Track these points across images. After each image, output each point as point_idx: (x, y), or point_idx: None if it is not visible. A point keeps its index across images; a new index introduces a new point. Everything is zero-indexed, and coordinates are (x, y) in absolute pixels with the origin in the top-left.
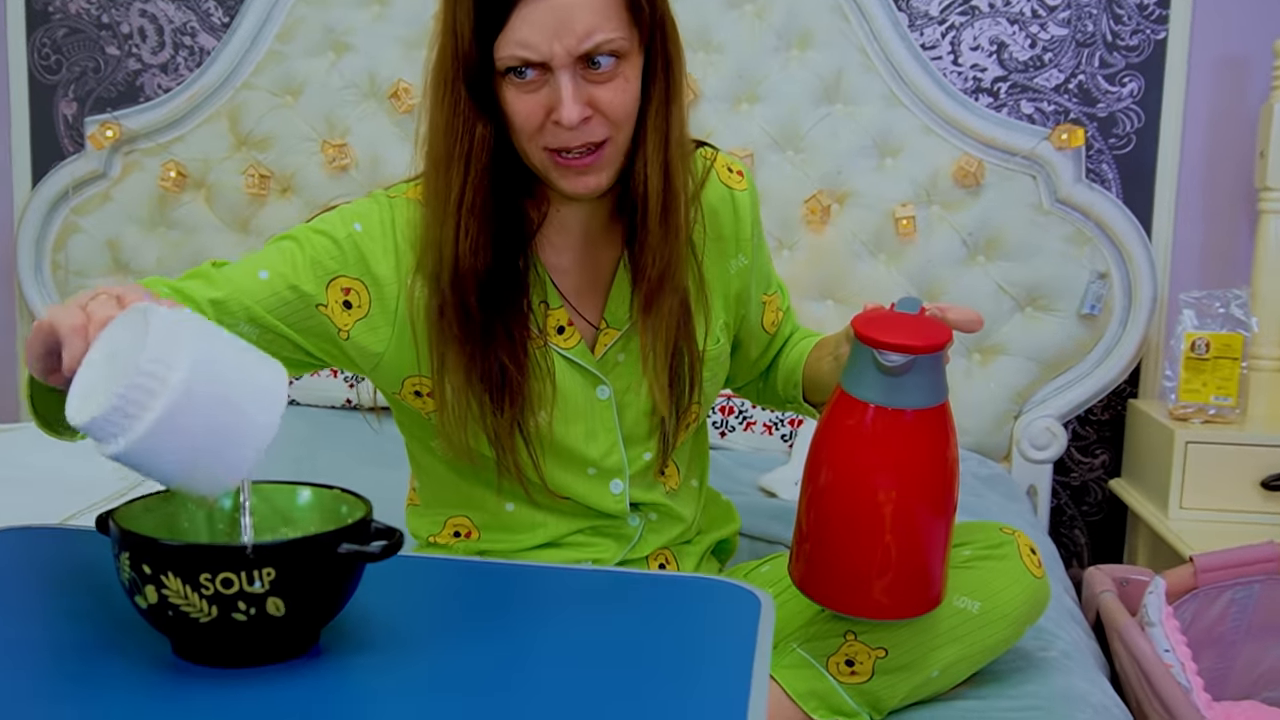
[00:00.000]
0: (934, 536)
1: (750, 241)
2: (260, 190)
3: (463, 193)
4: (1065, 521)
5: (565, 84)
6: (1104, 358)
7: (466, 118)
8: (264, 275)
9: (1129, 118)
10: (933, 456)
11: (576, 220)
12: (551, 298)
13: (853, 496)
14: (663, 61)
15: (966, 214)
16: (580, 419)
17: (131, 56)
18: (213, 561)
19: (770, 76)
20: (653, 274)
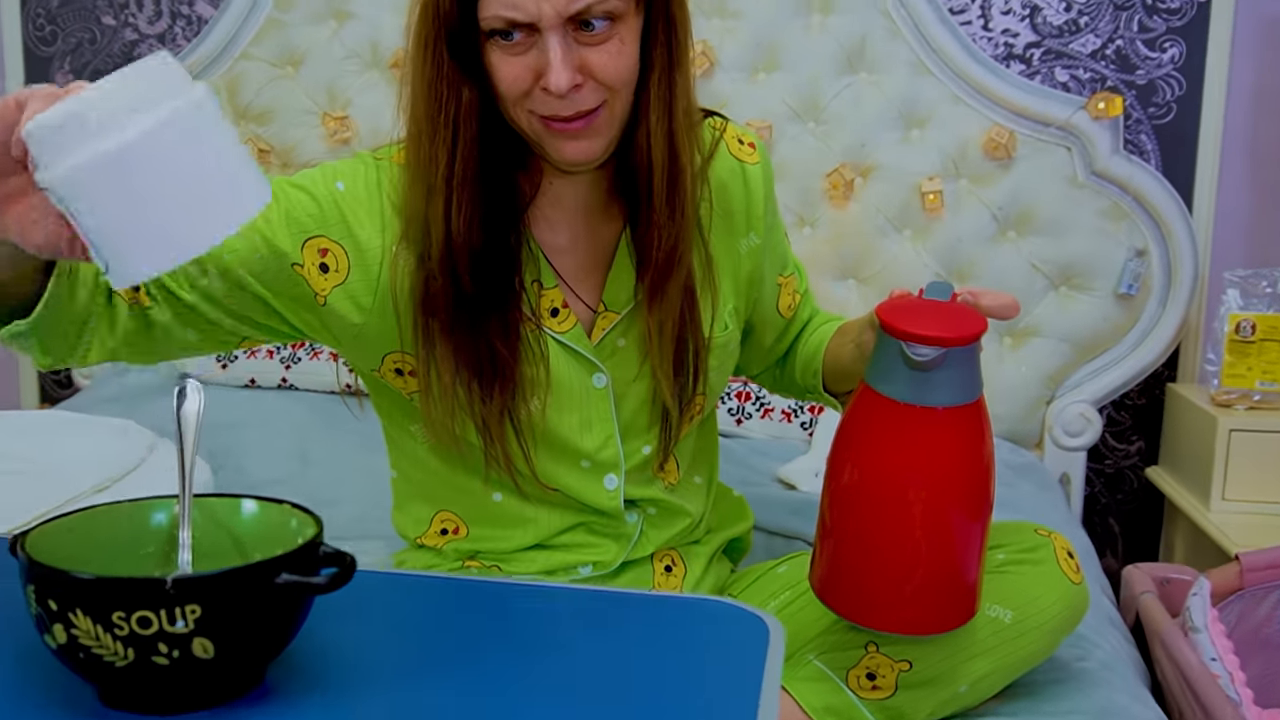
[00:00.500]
0: (968, 544)
1: (763, 219)
2: (260, 165)
3: (451, 164)
4: (1099, 511)
5: (554, 47)
6: (1142, 340)
7: (451, 82)
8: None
9: (1170, 85)
10: (967, 457)
11: (573, 195)
12: (546, 277)
13: (879, 501)
14: (665, 22)
15: (997, 188)
16: (574, 408)
17: (128, 26)
18: (126, 598)
19: (790, 44)
20: (658, 254)
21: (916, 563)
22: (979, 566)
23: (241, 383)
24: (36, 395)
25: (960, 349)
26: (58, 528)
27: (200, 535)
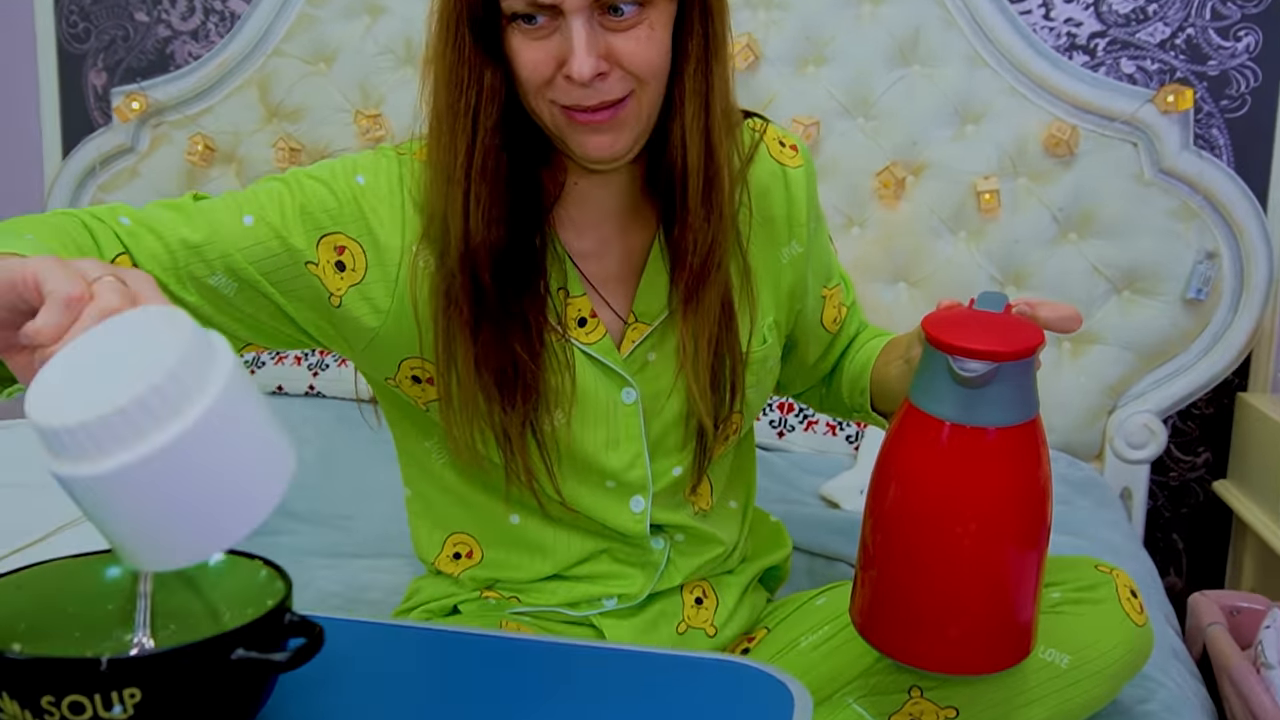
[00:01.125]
0: (1022, 577)
1: (805, 226)
2: (291, 164)
3: (471, 153)
4: (1161, 526)
5: (578, 31)
6: (1211, 347)
7: (473, 66)
8: (249, 221)
9: (1244, 76)
10: (1021, 482)
11: (602, 196)
12: (573, 284)
13: (924, 530)
14: (701, 9)
15: (1057, 186)
16: (600, 424)
17: (161, 23)
18: (57, 680)
19: (839, 36)
20: (694, 260)
21: (966, 597)
22: (1034, 601)
23: (268, 390)
24: None
25: (1013, 364)
26: (6, 585)
27: (162, 591)
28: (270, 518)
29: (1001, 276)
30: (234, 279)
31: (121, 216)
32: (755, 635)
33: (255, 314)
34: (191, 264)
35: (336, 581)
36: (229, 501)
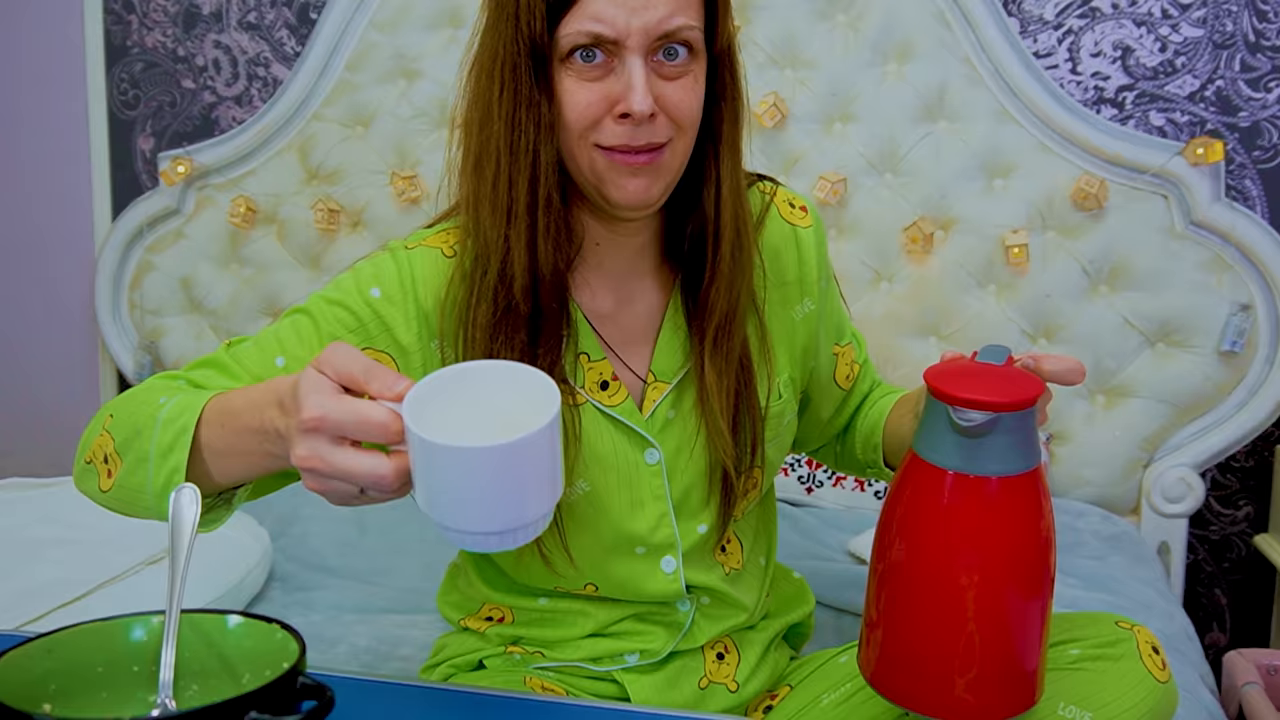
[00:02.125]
0: (1026, 624)
1: (817, 284)
2: (330, 225)
3: (534, 188)
4: (1203, 580)
5: (636, 69)
6: (1248, 400)
7: (531, 104)
8: (280, 362)
9: (1276, 127)
10: (1023, 531)
11: (617, 258)
12: (592, 348)
13: (929, 578)
14: (730, 76)
15: (1087, 240)
16: (623, 488)
17: (206, 89)
18: None
19: (866, 93)
20: (720, 313)
21: (971, 646)
22: (1040, 649)
23: None
24: None
25: (1013, 415)
26: (36, 649)
27: (186, 653)
28: (307, 573)
29: (1033, 330)
30: None
31: (179, 382)
32: (779, 693)
33: None
34: None
35: (368, 637)
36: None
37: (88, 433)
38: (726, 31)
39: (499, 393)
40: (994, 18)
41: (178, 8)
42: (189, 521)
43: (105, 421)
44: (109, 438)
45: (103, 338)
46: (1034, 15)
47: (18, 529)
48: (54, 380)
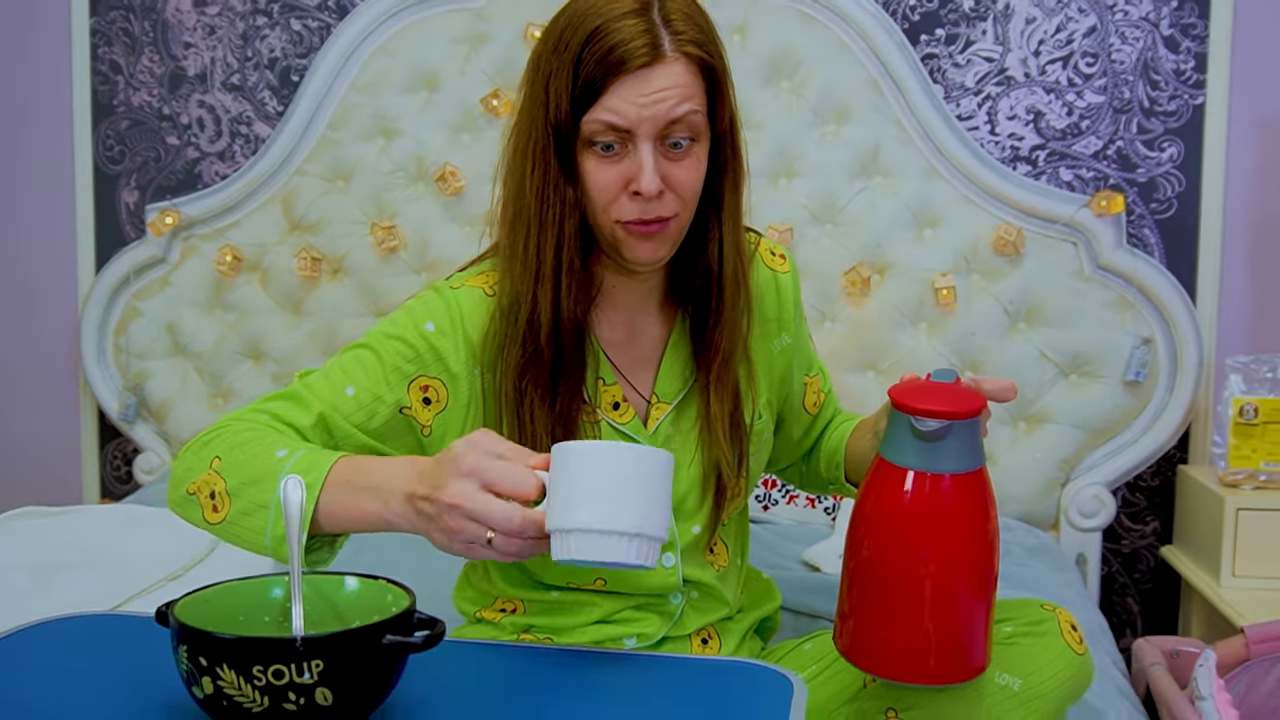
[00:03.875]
0: (975, 602)
1: (793, 321)
2: (312, 273)
3: (559, 254)
4: (1117, 590)
5: (646, 155)
6: (1151, 424)
7: (558, 184)
8: (351, 391)
9: (1169, 182)
10: (973, 520)
11: (629, 297)
12: (606, 373)
13: (896, 563)
14: (732, 150)
15: (1007, 282)
16: None
17: (190, 145)
18: (265, 654)
19: (808, 152)
20: (725, 346)
21: (930, 618)
22: (987, 624)
23: None
24: (98, 489)
25: (963, 422)
26: (197, 599)
27: (309, 607)
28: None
29: (960, 363)
30: (348, 443)
31: (261, 415)
32: None
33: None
34: (323, 439)
35: None
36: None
37: (187, 463)
38: (728, 112)
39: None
40: (921, 85)
41: (164, 69)
42: (296, 503)
43: (213, 461)
44: (219, 478)
45: (86, 380)
46: (956, 82)
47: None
48: (35, 421)
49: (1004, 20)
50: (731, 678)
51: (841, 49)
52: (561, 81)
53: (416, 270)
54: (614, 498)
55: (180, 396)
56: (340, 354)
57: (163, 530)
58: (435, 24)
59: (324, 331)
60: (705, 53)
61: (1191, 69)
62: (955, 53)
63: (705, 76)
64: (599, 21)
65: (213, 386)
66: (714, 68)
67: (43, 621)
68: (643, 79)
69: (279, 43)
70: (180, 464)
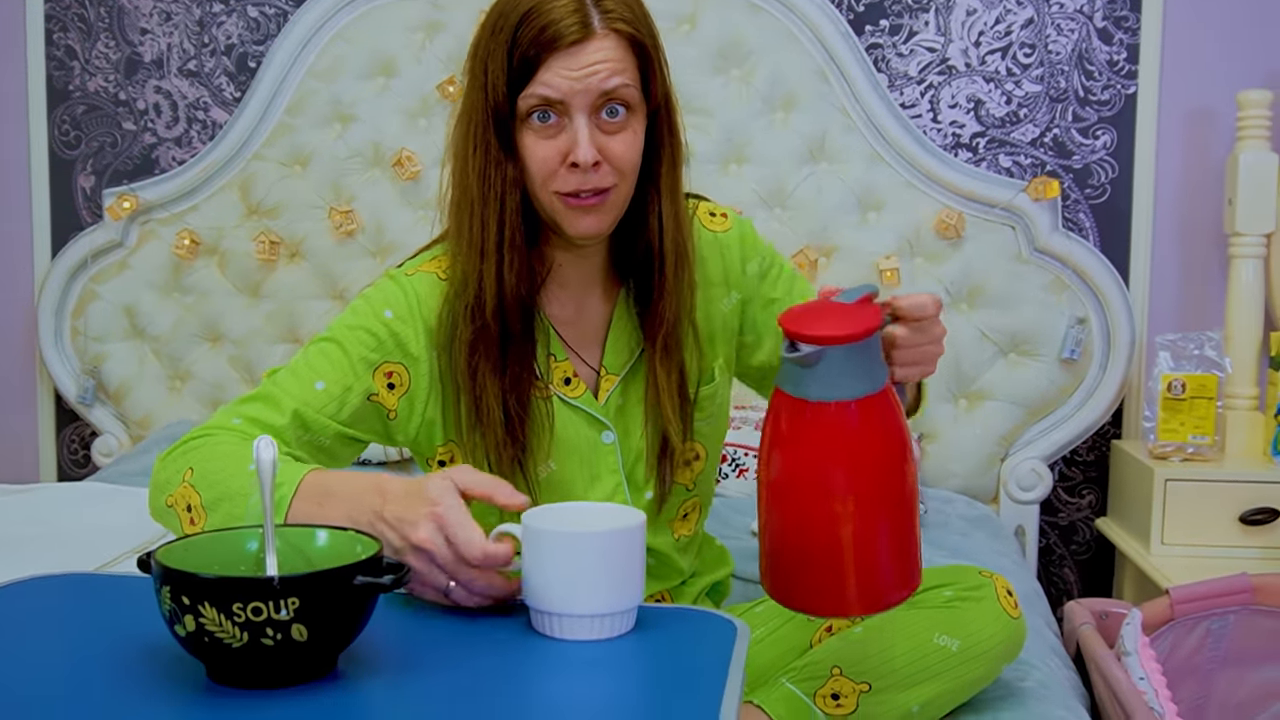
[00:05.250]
0: (892, 524)
1: (743, 276)
2: (270, 256)
3: (501, 230)
4: (1055, 561)
5: (581, 126)
6: (1085, 400)
7: (498, 162)
8: (321, 385)
9: (1103, 169)
10: (867, 447)
11: (575, 273)
12: (557, 349)
13: (798, 497)
14: (669, 126)
15: (948, 264)
16: (584, 465)
17: (147, 131)
18: (245, 592)
19: (757, 139)
20: (669, 317)
21: (848, 547)
22: (899, 552)
23: None
24: (55, 473)
25: (839, 348)
26: (175, 548)
27: (282, 558)
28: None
29: None
30: (324, 433)
31: (234, 419)
32: None
33: (335, 448)
34: (300, 436)
35: None
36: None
37: (165, 474)
38: (661, 88)
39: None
40: (866, 74)
41: (120, 55)
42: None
43: (186, 474)
44: (193, 491)
45: (44, 363)
46: (900, 72)
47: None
48: None
49: (945, 12)
50: (678, 625)
51: (789, 38)
52: (498, 62)
53: (373, 253)
54: (586, 585)
55: (138, 379)
56: (305, 349)
57: (126, 506)
58: (391, 12)
59: (282, 314)
60: (635, 29)
61: (1124, 60)
62: (899, 43)
63: (636, 52)
64: (532, 4)
65: (171, 369)
66: (644, 44)
67: (12, 582)
68: (574, 54)
69: (236, 29)
70: (158, 473)
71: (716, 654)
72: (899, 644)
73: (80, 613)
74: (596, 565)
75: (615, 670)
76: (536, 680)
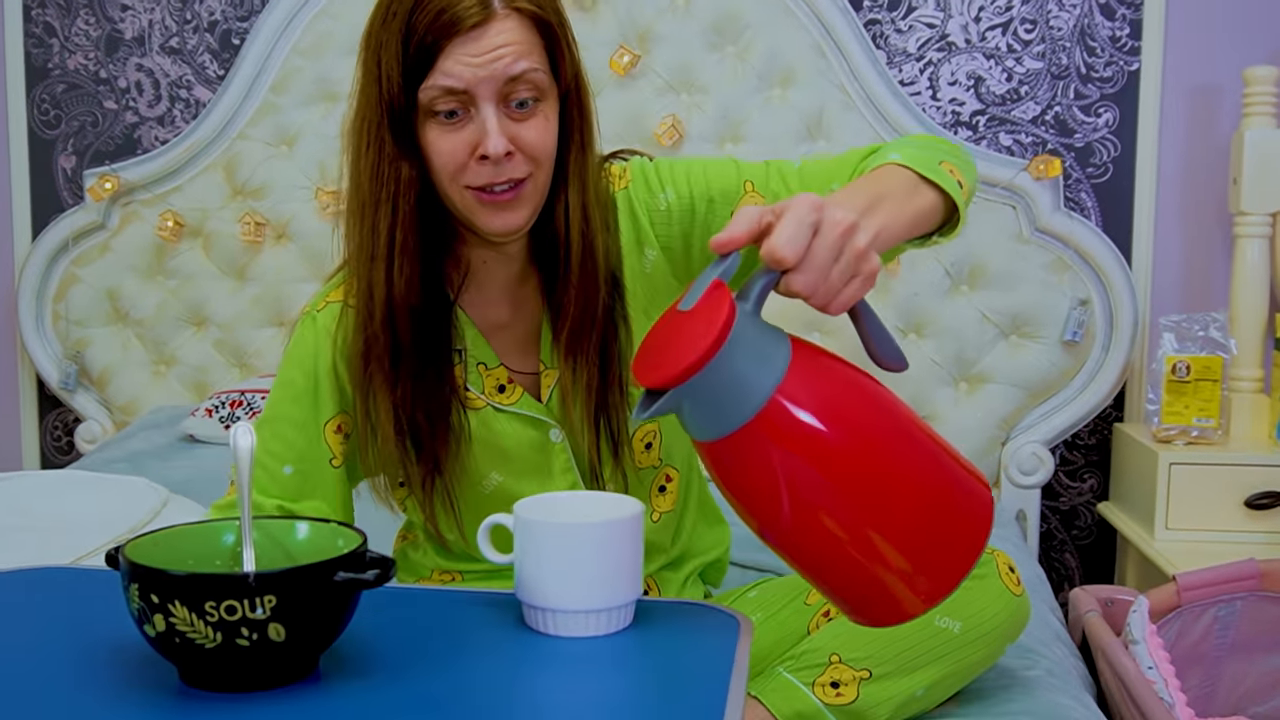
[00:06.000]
0: (905, 499)
1: (651, 230)
2: (256, 238)
3: (392, 233)
4: (1056, 546)
5: (490, 115)
6: (1088, 383)
7: (392, 160)
8: (289, 470)
9: (1105, 147)
10: (813, 439)
11: (503, 274)
12: (489, 358)
13: (789, 536)
14: (579, 110)
15: (949, 245)
16: (535, 471)
17: (129, 110)
18: (217, 590)
19: (753, 116)
20: (575, 312)
21: (856, 561)
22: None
23: None
24: (38, 460)
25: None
26: (145, 543)
27: (260, 551)
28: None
29: (904, 325)
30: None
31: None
32: None
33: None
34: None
35: None
36: (616, 581)
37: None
38: (571, 69)
39: (586, 510)
40: (864, 50)
41: (100, 32)
42: (246, 450)
43: None
44: None
45: (25, 348)
46: (899, 48)
47: None
48: None
49: None
50: (676, 619)
51: (786, 14)
52: (392, 53)
53: None
54: (582, 578)
55: (122, 364)
56: (259, 431)
57: (107, 494)
58: None
59: (268, 297)
60: (538, 7)
61: (1127, 35)
62: (898, 19)
63: (542, 33)
64: None
65: (155, 354)
66: (549, 23)
67: None
68: (475, 39)
69: (219, 5)
70: None
71: (718, 650)
72: (898, 629)
73: (49, 609)
74: (592, 558)
75: (613, 669)
76: (530, 680)
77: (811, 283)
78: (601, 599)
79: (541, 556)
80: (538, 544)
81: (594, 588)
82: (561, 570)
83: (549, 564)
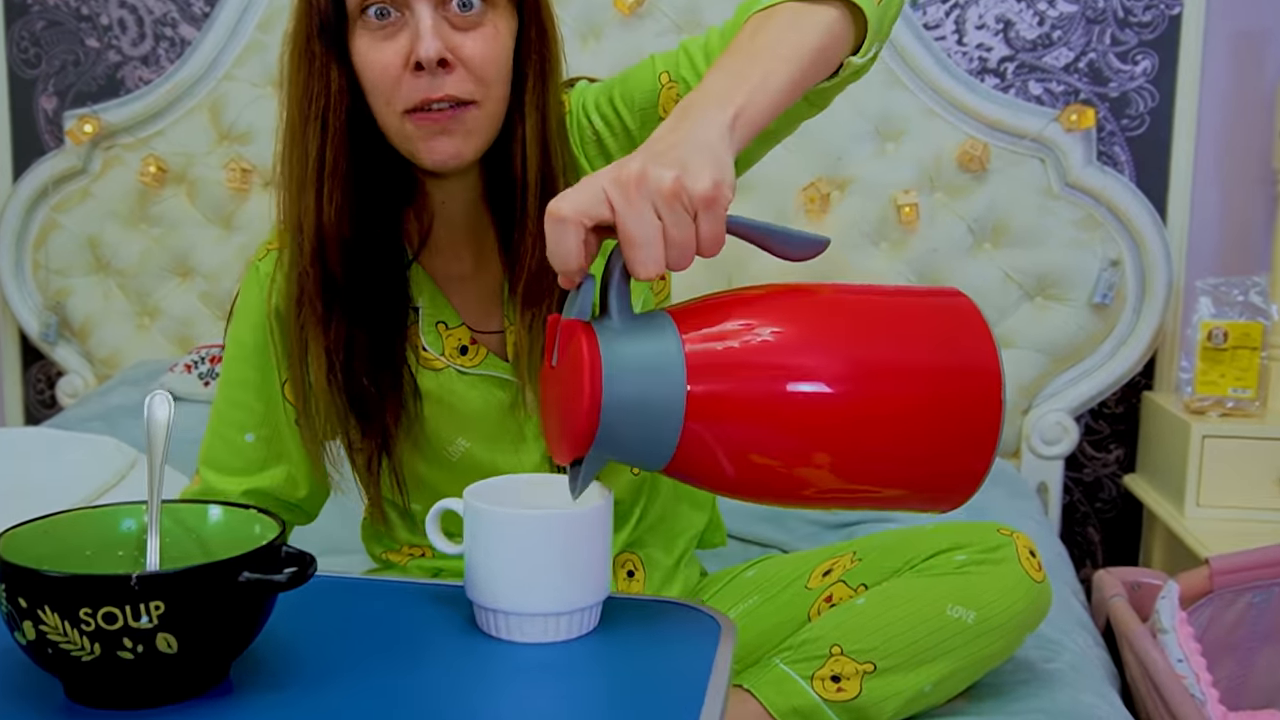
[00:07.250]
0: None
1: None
2: (242, 185)
3: (322, 155)
4: (1078, 520)
5: (424, 16)
6: (1117, 349)
7: (321, 73)
8: (250, 438)
9: (1142, 97)
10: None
11: (458, 217)
12: (450, 317)
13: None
14: (538, 31)
15: (972, 200)
16: (504, 434)
17: (112, 49)
18: (93, 594)
19: None
20: (532, 262)
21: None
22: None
23: None
24: (21, 415)
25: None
26: (32, 530)
27: (168, 540)
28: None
29: (921, 283)
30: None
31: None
32: None
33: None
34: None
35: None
36: (580, 580)
37: None
38: None
39: (545, 497)
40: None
41: None
42: (162, 423)
43: None
44: None
45: (4, 298)
46: None
47: None
48: None
49: None
50: (655, 618)
51: None
52: None
53: None
54: (541, 577)
55: (104, 315)
56: (216, 397)
57: (72, 455)
58: None
59: (255, 247)
60: None
61: None
62: None
63: None
64: None
65: (138, 305)
66: None
67: None
68: None
69: None
70: None
71: (695, 657)
72: (906, 619)
73: None
74: (553, 554)
75: (573, 680)
76: (477, 693)
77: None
78: (562, 601)
79: (493, 551)
80: (489, 536)
81: (554, 588)
82: (516, 567)
83: (502, 560)
